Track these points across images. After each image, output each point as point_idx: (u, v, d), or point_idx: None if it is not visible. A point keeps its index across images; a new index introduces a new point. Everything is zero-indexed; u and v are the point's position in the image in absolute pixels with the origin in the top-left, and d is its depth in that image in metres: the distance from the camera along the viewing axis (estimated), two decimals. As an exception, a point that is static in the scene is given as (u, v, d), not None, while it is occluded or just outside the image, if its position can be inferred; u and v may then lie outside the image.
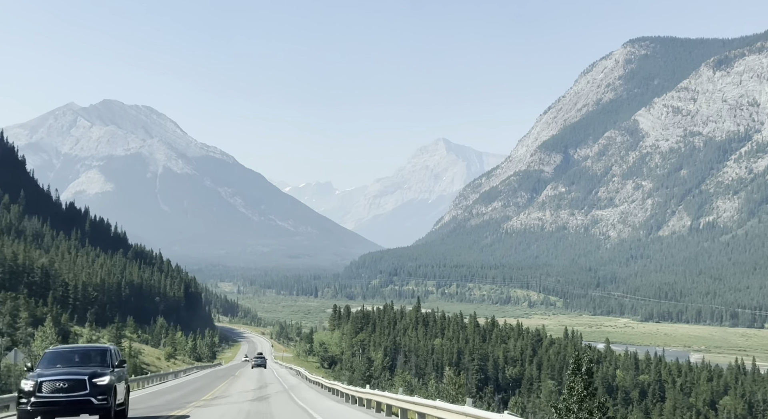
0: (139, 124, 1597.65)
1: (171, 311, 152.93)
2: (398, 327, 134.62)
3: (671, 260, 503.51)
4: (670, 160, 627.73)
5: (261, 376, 70.46)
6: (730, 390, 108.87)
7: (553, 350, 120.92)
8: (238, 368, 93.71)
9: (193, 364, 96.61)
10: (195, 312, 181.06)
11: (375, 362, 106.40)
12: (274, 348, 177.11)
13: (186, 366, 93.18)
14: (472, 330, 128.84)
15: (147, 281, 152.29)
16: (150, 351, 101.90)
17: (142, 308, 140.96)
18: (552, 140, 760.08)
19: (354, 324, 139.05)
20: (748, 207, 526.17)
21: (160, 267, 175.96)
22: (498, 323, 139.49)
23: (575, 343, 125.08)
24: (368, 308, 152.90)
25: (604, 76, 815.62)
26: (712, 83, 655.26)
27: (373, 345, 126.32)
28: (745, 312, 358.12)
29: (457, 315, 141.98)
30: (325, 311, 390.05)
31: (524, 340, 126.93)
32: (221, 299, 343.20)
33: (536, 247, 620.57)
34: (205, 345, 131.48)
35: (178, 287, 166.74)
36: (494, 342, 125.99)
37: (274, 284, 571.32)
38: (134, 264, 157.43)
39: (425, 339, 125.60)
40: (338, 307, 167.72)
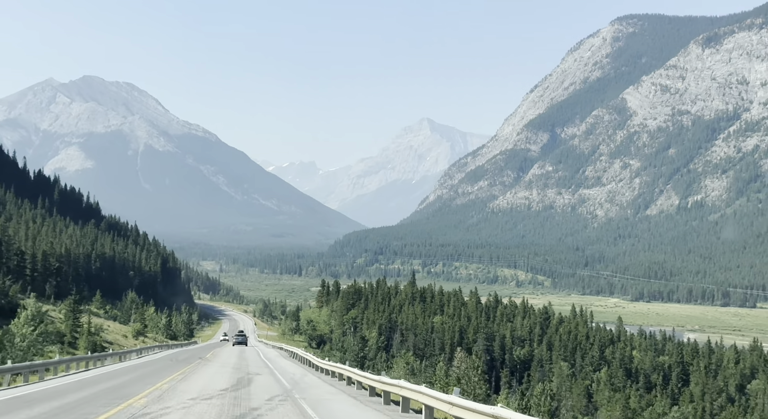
0: (120, 101, 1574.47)
1: (146, 287, 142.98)
2: (393, 304, 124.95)
3: (659, 240, 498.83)
4: (658, 139, 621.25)
5: (241, 360, 52.37)
6: (757, 374, 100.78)
7: (564, 329, 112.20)
8: (213, 348, 77.72)
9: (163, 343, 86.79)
10: (173, 288, 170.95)
11: (369, 341, 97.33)
12: (258, 327, 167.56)
13: (152, 345, 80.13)
14: (474, 307, 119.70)
15: (120, 255, 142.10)
16: (117, 327, 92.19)
17: (115, 282, 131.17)
18: (539, 119, 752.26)
19: (345, 301, 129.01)
20: (737, 186, 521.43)
21: (136, 240, 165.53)
22: (502, 300, 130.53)
23: (586, 322, 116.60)
24: (360, 283, 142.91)
25: (592, 55, 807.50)
26: (701, 61, 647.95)
27: (366, 322, 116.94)
28: (736, 292, 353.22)
29: (457, 291, 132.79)
30: (309, 290, 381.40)
31: (531, 319, 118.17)
32: (202, 277, 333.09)
33: (523, 226, 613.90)
34: (181, 322, 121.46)
35: (155, 261, 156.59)
36: (499, 321, 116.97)
37: (257, 263, 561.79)
38: (107, 236, 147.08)
39: (423, 316, 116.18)
40: (327, 282, 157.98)
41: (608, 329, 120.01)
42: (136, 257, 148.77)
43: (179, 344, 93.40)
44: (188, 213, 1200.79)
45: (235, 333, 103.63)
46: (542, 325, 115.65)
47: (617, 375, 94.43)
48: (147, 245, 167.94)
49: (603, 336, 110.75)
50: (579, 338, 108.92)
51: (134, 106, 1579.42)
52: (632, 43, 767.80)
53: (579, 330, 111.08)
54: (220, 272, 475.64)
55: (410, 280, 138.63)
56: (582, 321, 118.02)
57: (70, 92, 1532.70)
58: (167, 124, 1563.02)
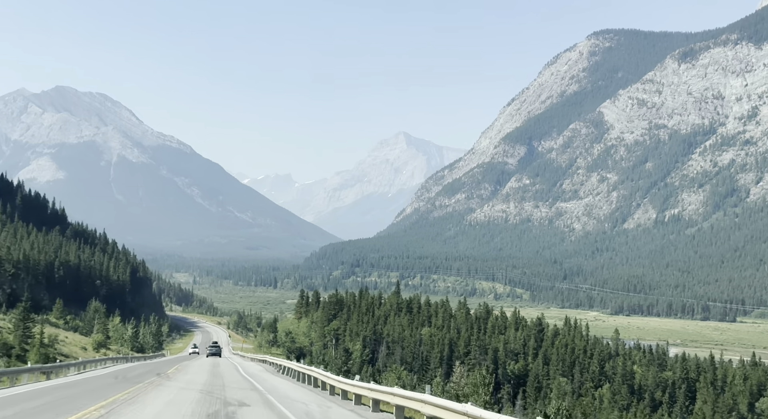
0: (93, 111, 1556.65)
1: (114, 297, 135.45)
2: (378, 314, 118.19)
3: (637, 253, 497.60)
4: (635, 152, 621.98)
5: (215, 378, 40.12)
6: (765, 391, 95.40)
7: (560, 342, 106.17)
8: (180, 362, 66.78)
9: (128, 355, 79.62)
10: (143, 299, 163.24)
11: (353, 354, 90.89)
12: (232, 339, 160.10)
13: (103, 357, 67.13)
14: (463, 318, 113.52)
15: (86, 262, 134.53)
16: (77, 339, 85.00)
17: (80, 291, 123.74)
18: (516, 132, 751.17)
19: (326, 311, 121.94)
20: (713, 200, 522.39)
21: (104, 248, 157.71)
22: (492, 311, 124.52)
23: (582, 336, 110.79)
24: (342, 293, 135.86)
25: (569, 68, 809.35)
26: (678, 76, 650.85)
27: (349, 334, 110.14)
28: (716, 306, 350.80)
29: (444, 302, 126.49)
30: (285, 302, 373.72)
31: (525, 331, 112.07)
32: (175, 288, 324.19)
33: (500, 239, 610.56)
34: (149, 334, 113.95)
35: (124, 270, 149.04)
36: (491, 333, 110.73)
37: (231, 275, 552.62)
38: (72, 243, 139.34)
39: (411, 328, 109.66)
40: (306, 292, 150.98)
41: (605, 342, 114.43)
42: (103, 266, 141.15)
43: (143, 357, 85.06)
44: (162, 225, 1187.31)
45: (208, 345, 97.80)
46: (536, 338, 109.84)
47: (621, 392, 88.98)
48: (116, 253, 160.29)
49: (602, 350, 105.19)
50: (576, 352, 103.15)
51: (108, 116, 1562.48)
52: (609, 58, 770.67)
53: (576, 344, 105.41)
54: (193, 284, 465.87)
55: (395, 290, 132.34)
56: (578, 334, 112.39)
57: (42, 102, 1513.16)
58: (141, 135, 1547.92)
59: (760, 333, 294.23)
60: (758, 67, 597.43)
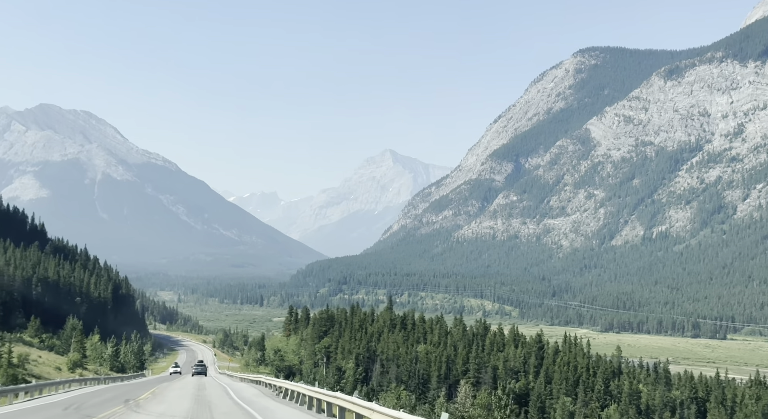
0: (78, 129, 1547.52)
1: (95, 314, 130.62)
2: (371, 331, 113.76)
3: (625, 270, 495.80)
4: (622, 169, 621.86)
5: (200, 407, 32.88)
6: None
7: (561, 360, 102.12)
8: (159, 383, 59.88)
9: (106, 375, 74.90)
10: (125, 317, 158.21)
11: (346, 373, 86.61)
12: (218, 357, 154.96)
13: (70, 378, 59.10)
14: (460, 335, 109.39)
15: (66, 279, 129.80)
16: (52, 358, 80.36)
17: (58, 309, 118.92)
18: (503, 149, 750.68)
19: (316, 328, 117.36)
20: (701, 217, 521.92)
21: (85, 265, 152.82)
22: (490, 327, 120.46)
23: (584, 353, 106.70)
24: (332, 310, 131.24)
25: (555, 86, 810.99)
26: (664, 93, 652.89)
27: (341, 352, 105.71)
28: (706, 323, 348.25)
29: (439, 318, 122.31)
30: (271, 320, 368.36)
31: (525, 348, 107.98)
32: (159, 306, 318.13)
33: (488, 256, 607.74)
34: (131, 353, 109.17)
35: (105, 287, 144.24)
36: (489, 350, 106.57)
37: (217, 293, 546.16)
38: (51, 259, 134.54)
39: (406, 345, 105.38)
40: (295, 309, 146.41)
41: (608, 360, 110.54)
42: (84, 283, 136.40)
43: (120, 377, 79.25)
44: (146, 243, 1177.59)
45: (193, 364, 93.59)
46: (537, 355, 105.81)
47: (628, 413, 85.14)
48: (97, 270, 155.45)
49: (606, 368, 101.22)
50: (579, 370, 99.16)
51: (92, 134, 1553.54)
52: (595, 75, 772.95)
53: (578, 361, 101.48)
54: (178, 302, 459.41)
55: (387, 306, 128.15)
56: (581, 352, 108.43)
57: (25, 120, 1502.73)
58: (126, 152, 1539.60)
59: (752, 350, 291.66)
60: (743, 84, 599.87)
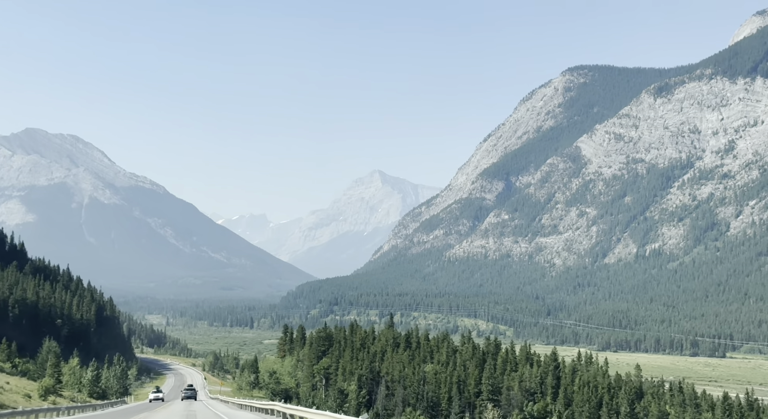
0: (64, 153, 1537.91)
1: (77, 337, 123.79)
2: (374, 350, 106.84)
3: (619, 288, 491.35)
4: (613, 187, 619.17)
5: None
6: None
7: (580, 380, 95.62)
8: (138, 412, 52.61)
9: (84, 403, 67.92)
10: (110, 340, 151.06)
11: (349, 395, 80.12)
12: (208, 381, 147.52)
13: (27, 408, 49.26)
14: (469, 354, 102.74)
15: (46, 300, 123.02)
16: (22, 384, 73.11)
17: (38, 331, 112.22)
18: (493, 168, 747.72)
19: (314, 348, 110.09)
20: (694, 234, 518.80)
21: (67, 285, 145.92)
22: (501, 345, 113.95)
23: (604, 373, 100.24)
24: (331, 328, 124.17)
25: (544, 104, 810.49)
26: (654, 110, 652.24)
27: (342, 373, 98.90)
28: (705, 341, 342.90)
29: (445, 335, 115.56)
30: (262, 342, 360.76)
31: (540, 367, 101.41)
32: (146, 330, 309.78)
33: (480, 275, 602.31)
34: (113, 377, 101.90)
35: (88, 308, 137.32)
36: (501, 370, 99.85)
37: (206, 316, 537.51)
38: (30, 279, 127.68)
39: (412, 364, 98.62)
40: (290, 328, 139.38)
41: (629, 380, 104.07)
42: (65, 304, 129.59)
43: (94, 405, 69.73)
44: (134, 267, 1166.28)
45: (183, 388, 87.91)
46: (553, 375, 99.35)
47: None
48: (80, 290, 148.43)
49: (629, 389, 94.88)
50: (600, 391, 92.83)
51: (79, 158, 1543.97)
52: (584, 93, 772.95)
53: (599, 381, 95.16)
54: (166, 326, 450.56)
55: (388, 324, 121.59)
56: (600, 371, 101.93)
57: (11, 145, 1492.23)
58: (113, 176, 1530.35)
59: (752, 368, 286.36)
60: (733, 101, 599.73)
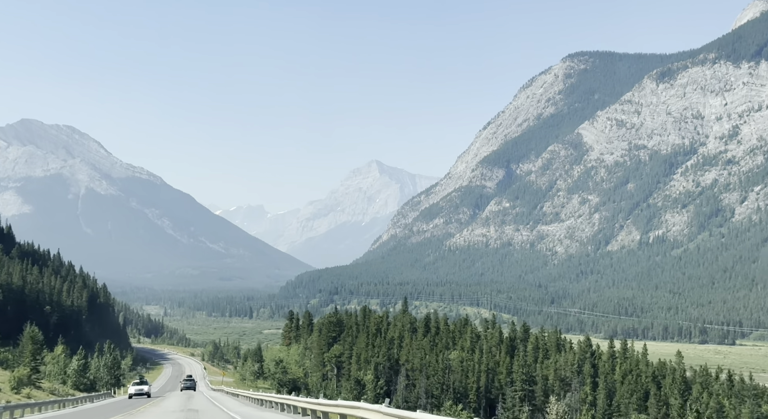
0: (60, 144, 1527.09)
1: (67, 325, 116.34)
2: (390, 336, 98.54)
3: (623, 276, 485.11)
4: (616, 173, 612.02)
5: None
6: None
7: (621, 369, 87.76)
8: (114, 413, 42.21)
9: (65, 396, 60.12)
10: (104, 328, 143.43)
11: (366, 386, 72.61)
12: (208, 372, 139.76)
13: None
14: (496, 339, 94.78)
15: (33, 285, 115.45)
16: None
17: (23, 318, 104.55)
18: (493, 156, 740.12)
19: (323, 335, 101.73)
20: (698, 221, 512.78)
21: (58, 271, 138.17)
22: (530, 330, 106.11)
23: (646, 361, 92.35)
24: (341, 313, 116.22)
25: (544, 91, 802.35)
26: (656, 96, 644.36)
27: (356, 361, 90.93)
28: (713, 328, 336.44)
29: (467, 319, 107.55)
30: (261, 332, 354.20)
31: (575, 355, 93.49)
32: (144, 319, 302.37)
33: (481, 264, 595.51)
34: (103, 367, 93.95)
35: (80, 294, 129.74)
36: (532, 358, 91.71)
37: (204, 306, 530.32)
38: (17, 263, 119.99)
39: (434, 351, 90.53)
40: (295, 314, 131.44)
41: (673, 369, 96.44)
42: (55, 290, 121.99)
43: (67, 400, 59.33)
44: (131, 258, 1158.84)
45: (182, 379, 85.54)
46: (591, 363, 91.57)
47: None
48: (72, 276, 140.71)
49: (675, 379, 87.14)
50: (644, 380, 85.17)
51: (75, 149, 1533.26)
52: (584, 80, 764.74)
53: (641, 370, 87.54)
54: (164, 316, 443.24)
55: (402, 309, 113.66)
56: (643, 359, 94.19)
57: (6, 136, 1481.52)
58: (110, 167, 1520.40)
59: (764, 355, 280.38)
60: (737, 86, 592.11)
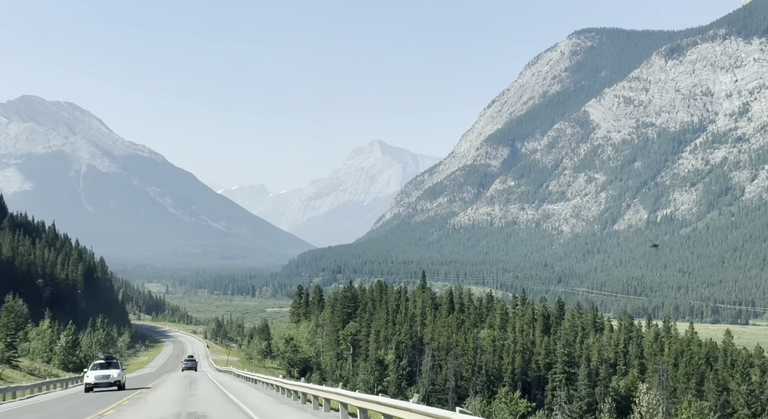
0: (61, 121, 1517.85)
1: (62, 300, 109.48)
2: (412, 313, 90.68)
3: (630, 255, 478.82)
4: (623, 152, 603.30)
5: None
6: None
7: (672, 350, 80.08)
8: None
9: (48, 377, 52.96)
10: (101, 304, 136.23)
11: (389, 367, 65.39)
12: (211, 350, 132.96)
13: None
14: (529, 317, 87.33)
15: (24, 257, 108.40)
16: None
17: (14, 292, 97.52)
18: (498, 134, 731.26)
19: (338, 311, 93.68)
20: (707, 199, 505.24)
21: (51, 243, 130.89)
22: (564, 306, 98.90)
23: (699, 342, 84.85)
24: (356, 287, 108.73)
25: (550, 69, 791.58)
26: (665, 73, 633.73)
27: (374, 340, 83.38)
28: (725, 308, 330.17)
29: (490, 295, 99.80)
30: (265, 310, 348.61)
31: (616, 335, 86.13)
32: (144, 296, 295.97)
33: (486, 243, 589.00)
34: (95, 344, 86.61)
35: (75, 267, 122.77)
36: (571, 337, 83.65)
37: (206, 284, 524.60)
38: (7, 234, 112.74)
39: (462, 329, 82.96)
40: (305, 289, 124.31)
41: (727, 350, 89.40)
42: (48, 262, 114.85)
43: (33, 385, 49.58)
44: (133, 236, 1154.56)
45: (183, 359, 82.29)
46: (637, 343, 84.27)
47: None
48: (67, 248, 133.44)
49: (732, 361, 79.86)
50: (698, 362, 77.75)
51: (76, 126, 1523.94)
52: (591, 57, 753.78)
53: (693, 350, 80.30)
54: (165, 294, 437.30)
55: (421, 284, 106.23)
56: (695, 339, 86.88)
57: (7, 112, 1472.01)
58: (111, 144, 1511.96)
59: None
60: (748, 62, 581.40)
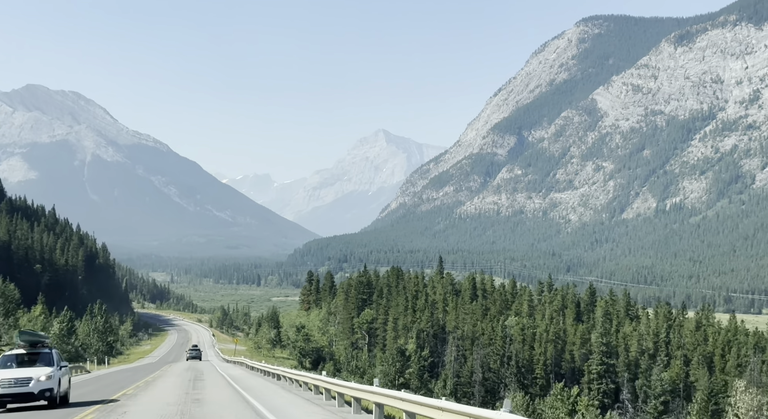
0: (66, 110, 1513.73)
1: (61, 286, 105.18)
2: (433, 299, 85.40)
3: (639, 244, 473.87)
4: (631, 140, 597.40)
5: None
6: None
7: (717, 341, 74.97)
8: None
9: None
10: (103, 291, 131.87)
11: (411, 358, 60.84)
12: (217, 339, 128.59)
13: None
14: (558, 304, 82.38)
15: (22, 242, 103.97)
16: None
17: (11, 278, 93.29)
18: (504, 122, 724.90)
19: (352, 298, 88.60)
20: (717, 188, 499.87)
21: (51, 227, 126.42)
22: (596, 292, 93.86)
23: (745, 331, 79.97)
24: (370, 273, 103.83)
25: (557, 56, 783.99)
26: (674, 60, 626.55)
27: (392, 328, 78.30)
28: (738, 297, 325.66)
29: (512, 281, 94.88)
30: (270, 299, 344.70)
31: (654, 323, 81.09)
32: (149, 285, 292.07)
33: (492, 232, 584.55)
34: (93, 332, 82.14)
35: (75, 253, 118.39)
36: (606, 326, 78.23)
37: (211, 273, 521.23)
38: (4, 217, 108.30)
39: (488, 317, 78.00)
40: (314, 274, 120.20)
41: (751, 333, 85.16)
42: (46, 247, 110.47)
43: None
44: (138, 225, 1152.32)
45: (187, 348, 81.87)
46: (678, 333, 79.43)
47: None
48: (68, 233, 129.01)
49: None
50: (744, 353, 72.90)
51: (81, 115, 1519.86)
52: (599, 44, 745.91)
53: (739, 340, 75.42)
54: (170, 283, 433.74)
55: (438, 270, 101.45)
56: (741, 329, 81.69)
57: (12, 101, 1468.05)
58: (116, 133, 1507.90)
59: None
60: (759, 48, 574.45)
